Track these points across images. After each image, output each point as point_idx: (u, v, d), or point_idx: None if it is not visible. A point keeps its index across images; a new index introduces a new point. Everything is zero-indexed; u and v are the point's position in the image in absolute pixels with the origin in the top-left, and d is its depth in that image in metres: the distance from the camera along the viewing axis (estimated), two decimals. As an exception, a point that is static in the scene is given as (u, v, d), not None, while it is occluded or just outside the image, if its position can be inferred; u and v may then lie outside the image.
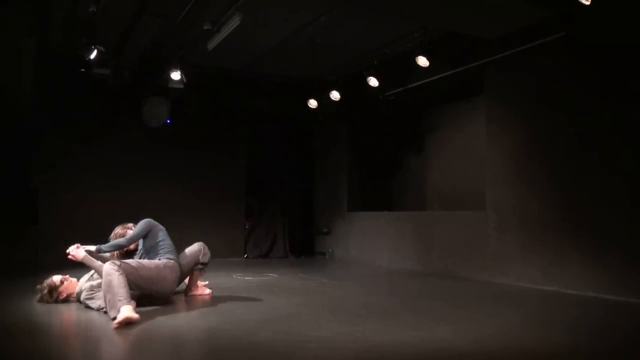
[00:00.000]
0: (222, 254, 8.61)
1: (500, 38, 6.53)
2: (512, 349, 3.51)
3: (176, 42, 7.28)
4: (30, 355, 3.36)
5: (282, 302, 5.01)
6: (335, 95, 8.60)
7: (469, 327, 4.08)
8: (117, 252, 4.94)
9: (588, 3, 5.33)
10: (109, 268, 4.16)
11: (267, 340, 3.57)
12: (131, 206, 8.87)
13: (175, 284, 4.87)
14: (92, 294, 4.53)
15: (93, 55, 7.03)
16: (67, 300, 4.82)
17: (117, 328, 3.77)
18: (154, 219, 5.10)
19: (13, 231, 7.86)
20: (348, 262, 9.23)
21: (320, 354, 3.33)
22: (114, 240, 4.87)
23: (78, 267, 5.07)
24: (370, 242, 9.07)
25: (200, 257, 5.16)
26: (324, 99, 8.86)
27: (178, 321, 4.15)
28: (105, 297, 4.10)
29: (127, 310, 3.91)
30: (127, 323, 3.85)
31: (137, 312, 4.01)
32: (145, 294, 4.51)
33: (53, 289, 4.72)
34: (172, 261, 4.78)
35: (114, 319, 3.88)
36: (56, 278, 4.80)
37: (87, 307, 4.52)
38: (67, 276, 4.88)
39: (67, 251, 4.60)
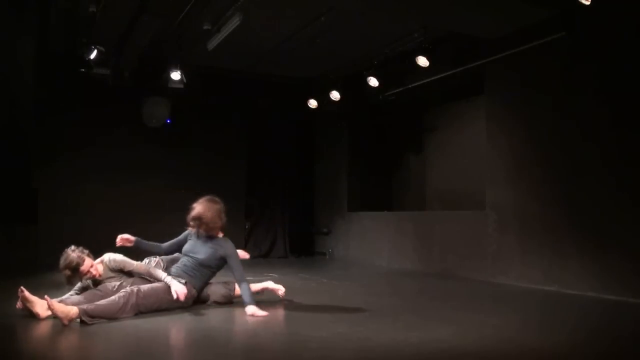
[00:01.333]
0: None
1: (500, 38, 6.53)
2: (511, 349, 3.51)
3: (176, 42, 7.28)
4: (31, 355, 3.36)
5: (282, 302, 5.01)
6: (335, 95, 8.60)
7: (469, 327, 4.08)
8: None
9: (588, 3, 5.33)
10: (126, 294, 4.17)
11: (267, 341, 3.57)
12: (131, 206, 8.91)
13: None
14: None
15: (93, 55, 7.03)
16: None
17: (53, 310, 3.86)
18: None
19: (13, 231, 7.86)
20: (348, 262, 9.23)
21: (320, 354, 3.33)
22: (246, 289, 4.50)
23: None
24: (370, 242, 9.06)
25: (219, 295, 4.85)
26: (324, 99, 8.86)
27: (178, 322, 4.14)
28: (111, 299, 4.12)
29: (67, 310, 3.88)
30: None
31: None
32: None
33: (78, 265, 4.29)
34: (195, 290, 4.63)
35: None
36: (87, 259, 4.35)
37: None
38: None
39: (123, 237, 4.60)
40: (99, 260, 4.54)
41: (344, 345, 3.54)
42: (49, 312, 4.02)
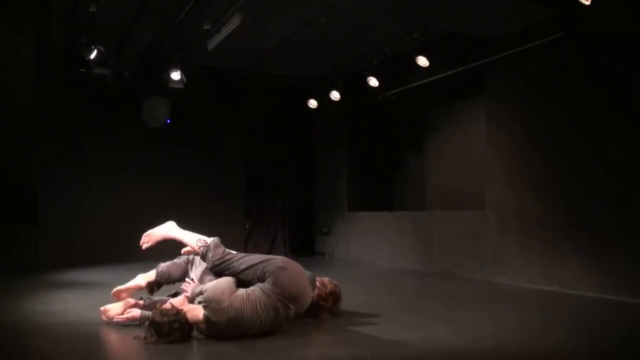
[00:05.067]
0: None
1: (500, 38, 6.54)
2: (511, 349, 3.51)
3: (176, 42, 7.28)
4: (31, 355, 3.36)
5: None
6: (335, 95, 8.60)
7: (468, 327, 4.08)
8: None
9: (588, 3, 5.33)
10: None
11: (267, 341, 3.56)
12: (131, 206, 8.91)
13: None
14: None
15: (93, 55, 7.03)
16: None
17: None
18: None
19: (13, 231, 7.86)
20: (348, 262, 9.22)
21: (321, 354, 3.33)
22: None
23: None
24: (370, 242, 9.06)
25: None
26: (324, 99, 8.86)
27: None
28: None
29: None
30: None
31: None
32: None
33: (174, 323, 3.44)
34: None
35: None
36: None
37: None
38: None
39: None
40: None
41: (343, 345, 3.54)
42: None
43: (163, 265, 4.26)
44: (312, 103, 9.08)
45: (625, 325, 4.37)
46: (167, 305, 3.52)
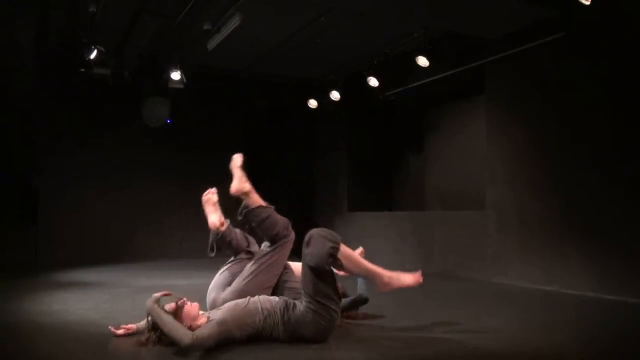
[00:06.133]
0: (223, 253, 8.60)
1: (500, 38, 6.54)
2: (511, 349, 3.51)
3: (176, 42, 7.29)
4: (31, 355, 3.35)
5: (282, 302, 4.99)
6: (335, 95, 8.61)
7: (468, 327, 4.08)
8: None
9: (588, 3, 5.34)
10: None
11: (266, 341, 3.56)
12: (131, 206, 8.92)
13: None
14: None
15: (93, 55, 7.04)
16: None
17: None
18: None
19: (13, 231, 7.86)
20: (348, 262, 9.20)
21: (320, 354, 3.33)
22: None
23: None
24: (370, 242, 9.04)
25: None
26: (324, 99, 8.86)
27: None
28: None
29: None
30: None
31: None
32: None
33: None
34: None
35: None
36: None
37: None
38: (184, 299, 3.50)
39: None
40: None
41: (344, 346, 3.53)
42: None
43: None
44: (312, 103, 9.09)
45: (625, 325, 4.37)
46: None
